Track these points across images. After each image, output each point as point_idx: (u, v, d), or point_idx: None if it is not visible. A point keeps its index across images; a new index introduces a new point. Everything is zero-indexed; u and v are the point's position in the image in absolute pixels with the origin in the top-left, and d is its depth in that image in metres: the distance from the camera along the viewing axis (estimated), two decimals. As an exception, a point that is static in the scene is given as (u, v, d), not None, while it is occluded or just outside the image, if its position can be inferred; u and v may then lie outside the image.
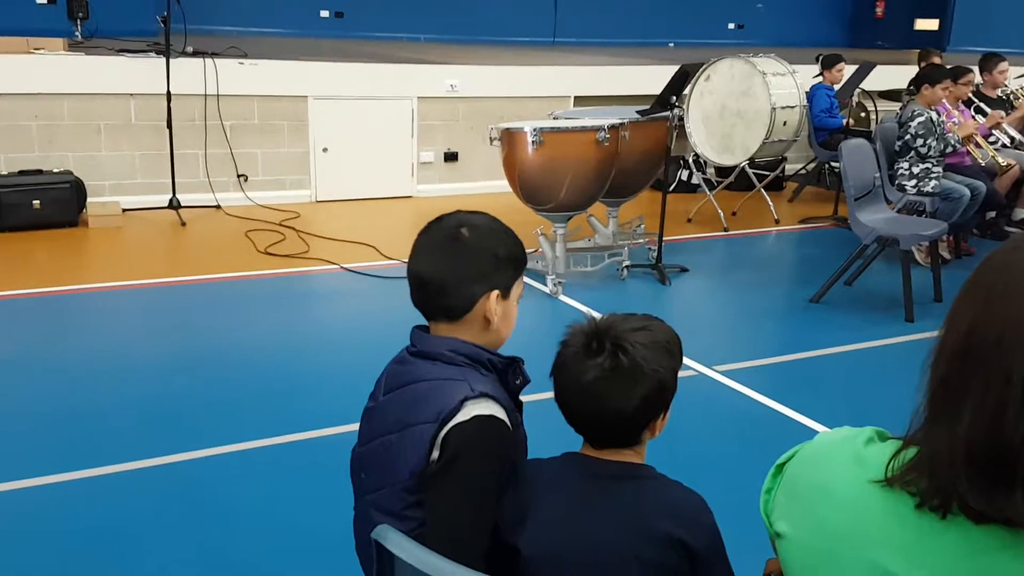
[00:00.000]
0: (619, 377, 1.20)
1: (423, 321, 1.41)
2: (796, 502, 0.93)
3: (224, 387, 3.13)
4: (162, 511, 2.35)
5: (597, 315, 1.31)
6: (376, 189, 6.43)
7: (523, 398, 1.42)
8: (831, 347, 3.73)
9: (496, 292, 1.33)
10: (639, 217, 5.11)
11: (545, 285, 4.30)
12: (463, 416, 1.25)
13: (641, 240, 5.02)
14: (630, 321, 1.26)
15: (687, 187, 7.03)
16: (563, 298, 4.26)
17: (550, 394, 1.29)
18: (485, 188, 6.64)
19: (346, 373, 3.23)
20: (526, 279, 1.42)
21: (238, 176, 6.02)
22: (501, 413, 1.28)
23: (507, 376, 1.36)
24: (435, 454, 1.25)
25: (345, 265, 4.66)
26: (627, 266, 4.61)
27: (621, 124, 4.36)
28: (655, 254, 4.72)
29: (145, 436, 2.75)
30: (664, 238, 4.71)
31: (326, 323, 3.89)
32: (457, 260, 1.32)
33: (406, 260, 1.39)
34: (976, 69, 5.68)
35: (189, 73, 5.63)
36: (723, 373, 3.38)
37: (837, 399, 3.21)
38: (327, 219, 5.83)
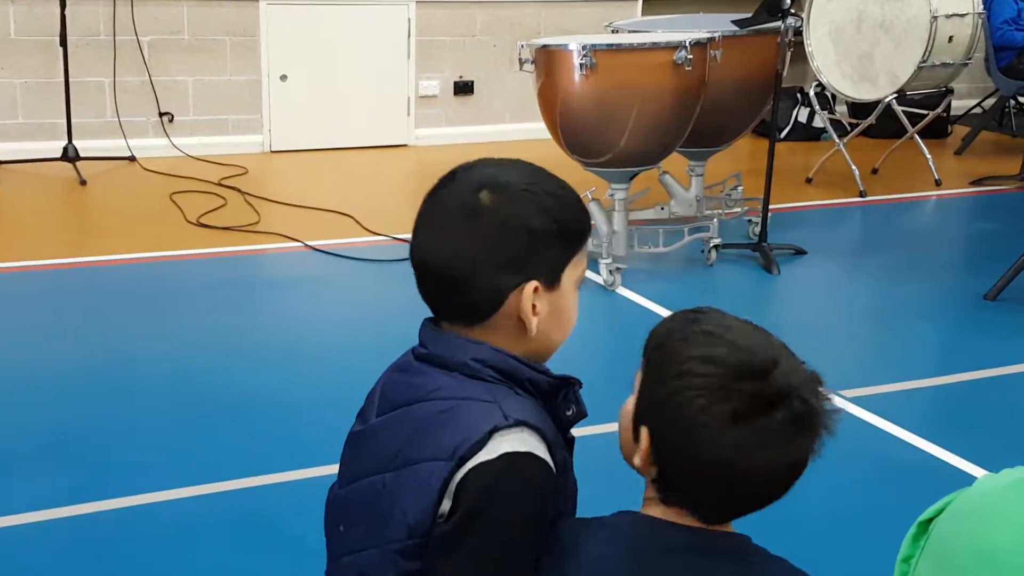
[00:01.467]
0: (802, 438, 1.24)
1: (429, 313, 1.43)
2: (948, 573, 0.94)
3: (147, 413, 3.19)
4: (56, 585, 2.41)
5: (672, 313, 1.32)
6: (356, 135, 6.48)
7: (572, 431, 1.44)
8: (1014, 364, 3.71)
9: (534, 283, 1.33)
10: (735, 175, 5.10)
11: (598, 272, 4.33)
12: (489, 453, 1.26)
13: (737, 209, 5.01)
14: (764, 338, 1.28)
15: (806, 132, 6.99)
16: (622, 291, 4.28)
17: (599, 428, 1.31)
18: (512, 133, 6.66)
19: (315, 393, 3.27)
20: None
21: (160, 115, 6.10)
22: (542, 450, 1.29)
23: (555, 403, 1.37)
24: (445, 504, 1.27)
25: (311, 242, 4.72)
26: (716, 246, 4.62)
27: (710, 40, 4.36)
28: (758, 229, 4.72)
29: (40, 480, 2.81)
30: (771, 206, 4.71)
31: (286, 323, 3.94)
32: (474, 240, 1.32)
33: (396, 235, 1.41)
34: None
35: (92, -32, 5.72)
36: (853, 400, 3.38)
37: (1019, 437, 3.20)
38: (286, 177, 5.88)
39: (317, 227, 4.92)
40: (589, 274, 4.33)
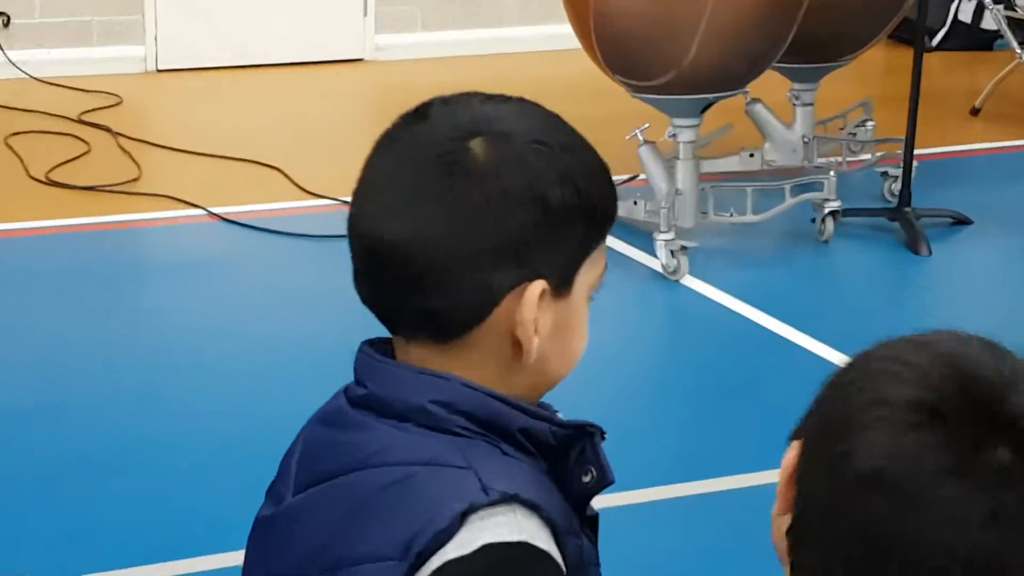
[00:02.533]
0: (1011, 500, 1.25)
1: (382, 330, 1.42)
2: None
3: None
4: None
5: (769, 321, 1.32)
6: (286, 46, 6.48)
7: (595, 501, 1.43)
8: None
9: (541, 284, 1.33)
10: (863, 104, 5.09)
11: (653, 255, 4.32)
12: (462, 547, 1.26)
13: (867, 156, 5.00)
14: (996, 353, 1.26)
15: (971, 37, 6.97)
16: (689, 281, 4.27)
17: (646, 495, 1.30)
18: (521, 41, 6.65)
19: (221, 442, 3.30)
20: (611, 240, 1.42)
21: (-10, 17, 6.12)
22: (543, 538, 1.30)
23: (565, 464, 1.38)
24: None
25: (218, 209, 4.72)
26: (833, 212, 4.60)
27: (823, -101, 4.37)
28: (898, 187, 4.71)
29: None
30: (917, 151, 4.71)
31: (180, 333, 3.95)
32: (458, 213, 1.32)
33: (344, 198, 1.41)
34: None
35: None
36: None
37: None
38: (180, 110, 5.89)
39: (227, 186, 4.93)
40: (639, 254, 4.35)
